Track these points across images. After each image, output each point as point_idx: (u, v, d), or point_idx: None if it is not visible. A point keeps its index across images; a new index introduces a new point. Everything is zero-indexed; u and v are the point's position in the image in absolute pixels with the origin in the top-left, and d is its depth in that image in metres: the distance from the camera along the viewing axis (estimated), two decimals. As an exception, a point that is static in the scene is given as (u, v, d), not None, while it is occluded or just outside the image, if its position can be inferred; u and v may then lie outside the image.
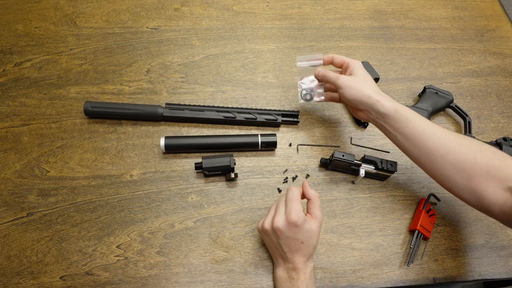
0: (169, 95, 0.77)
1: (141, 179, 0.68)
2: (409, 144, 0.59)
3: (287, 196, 0.57)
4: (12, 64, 0.79)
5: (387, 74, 0.84)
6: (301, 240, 0.55)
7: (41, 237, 0.62)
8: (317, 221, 0.57)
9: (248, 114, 0.73)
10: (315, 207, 0.58)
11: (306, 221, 0.55)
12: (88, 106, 0.71)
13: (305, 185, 0.59)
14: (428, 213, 0.66)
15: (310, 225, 0.55)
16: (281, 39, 0.87)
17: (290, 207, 0.55)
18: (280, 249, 0.57)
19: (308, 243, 0.55)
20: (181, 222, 0.64)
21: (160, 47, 0.84)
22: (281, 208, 0.57)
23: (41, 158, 0.69)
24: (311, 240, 0.55)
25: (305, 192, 0.59)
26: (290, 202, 0.56)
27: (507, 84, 0.86)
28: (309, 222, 0.56)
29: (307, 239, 0.55)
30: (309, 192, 0.59)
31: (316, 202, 0.58)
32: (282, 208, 0.57)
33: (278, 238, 0.56)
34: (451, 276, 0.64)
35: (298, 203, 0.56)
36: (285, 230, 0.55)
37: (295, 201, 0.56)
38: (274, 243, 0.57)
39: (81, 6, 0.89)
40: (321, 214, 0.58)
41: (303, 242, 0.55)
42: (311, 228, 0.55)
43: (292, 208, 0.55)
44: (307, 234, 0.55)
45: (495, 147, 0.72)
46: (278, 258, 0.59)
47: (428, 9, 0.97)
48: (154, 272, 0.60)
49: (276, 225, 0.55)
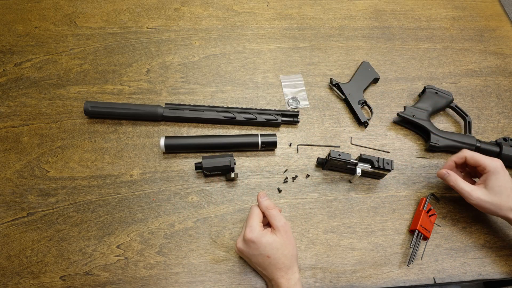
0: (169, 95, 0.77)
1: (141, 179, 0.68)
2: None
3: (248, 214, 0.58)
4: (12, 64, 0.79)
5: (387, 74, 0.84)
6: (267, 255, 0.54)
7: (41, 237, 0.62)
8: (279, 231, 0.55)
9: (248, 114, 0.73)
10: (271, 218, 0.56)
11: (263, 235, 0.54)
12: (88, 106, 0.71)
13: (258, 198, 0.58)
14: (428, 213, 0.66)
15: (269, 237, 0.54)
16: (281, 39, 0.87)
17: (246, 225, 0.56)
18: (257, 268, 0.57)
19: (275, 256, 0.54)
20: (181, 222, 0.64)
21: (160, 47, 0.84)
22: (243, 228, 0.57)
23: (41, 158, 0.69)
24: (278, 252, 0.54)
25: (259, 205, 0.58)
26: (247, 220, 0.57)
27: (507, 84, 0.86)
28: (267, 235, 0.55)
29: (273, 252, 0.54)
30: (261, 205, 0.58)
31: (270, 213, 0.57)
32: (243, 228, 0.57)
33: (247, 258, 0.56)
34: (451, 276, 0.64)
35: (254, 218, 0.56)
36: (246, 248, 0.55)
37: (251, 218, 0.56)
38: (249, 263, 0.58)
39: (81, 6, 0.89)
40: (282, 222, 0.56)
41: (269, 257, 0.54)
42: (272, 240, 0.54)
43: (247, 225, 0.56)
44: (269, 247, 0.54)
45: (495, 147, 0.72)
46: (264, 278, 0.59)
47: (428, 9, 0.97)
48: (154, 272, 0.60)
49: (238, 246, 0.56)
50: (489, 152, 0.72)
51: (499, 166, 0.61)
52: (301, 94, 0.79)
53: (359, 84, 0.80)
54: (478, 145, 0.72)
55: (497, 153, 0.72)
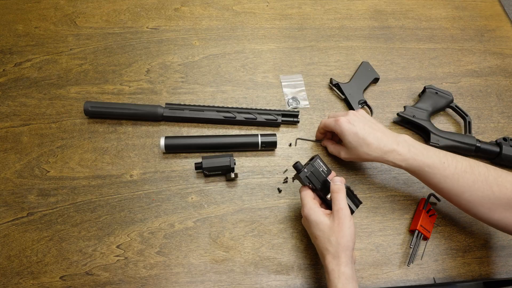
0: (169, 95, 0.77)
1: (141, 179, 0.68)
2: (425, 183, 0.61)
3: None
4: (12, 64, 0.79)
5: (387, 74, 0.84)
6: (315, 235, 0.55)
7: (41, 237, 0.62)
8: (333, 215, 0.55)
9: (248, 114, 0.73)
10: (332, 201, 0.56)
11: (314, 213, 0.55)
12: (88, 106, 0.71)
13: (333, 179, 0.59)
14: (428, 213, 0.66)
15: (318, 217, 0.55)
16: (281, 39, 0.87)
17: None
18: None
19: (321, 238, 0.54)
20: (181, 222, 0.64)
21: (160, 47, 0.84)
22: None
23: (41, 158, 0.69)
24: (324, 235, 0.54)
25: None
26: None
27: (507, 84, 0.86)
28: (318, 214, 0.55)
29: (319, 233, 0.54)
30: (331, 187, 0.58)
31: (333, 196, 0.56)
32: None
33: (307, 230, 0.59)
34: (451, 276, 0.64)
35: (307, 195, 0.58)
36: (304, 222, 0.59)
37: (306, 196, 0.58)
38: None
39: (81, 6, 0.89)
40: (337, 207, 0.55)
41: (317, 238, 0.55)
42: (320, 221, 0.54)
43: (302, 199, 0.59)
44: (317, 228, 0.55)
45: (495, 147, 0.72)
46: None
47: (428, 9, 0.97)
48: (154, 272, 0.60)
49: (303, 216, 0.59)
50: (489, 152, 0.72)
51: (343, 125, 0.62)
52: (301, 94, 0.79)
53: (359, 84, 0.80)
54: (478, 145, 0.72)
55: (497, 153, 0.72)
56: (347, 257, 0.52)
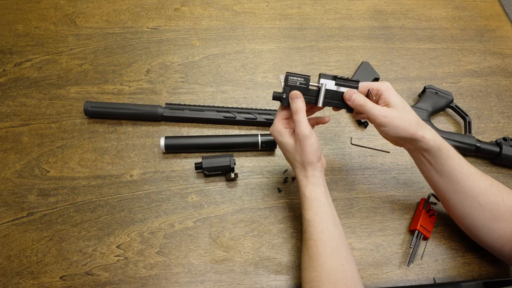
0: (169, 95, 0.77)
1: (141, 179, 0.68)
2: (442, 180, 0.57)
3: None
4: (12, 64, 0.79)
5: (387, 74, 0.84)
6: (283, 152, 0.59)
7: (41, 237, 0.62)
8: (296, 137, 0.55)
9: (248, 114, 0.73)
10: (294, 122, 0.56)
11: (278, 135, 0.58)
12: (88, 106, 0.71)
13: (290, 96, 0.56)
14: (428, 213, 0.66)
15: (283, 138, 0.57)
16: (281, 39, 0.87)
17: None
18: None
19: (288, 155, 0.58)
20: (181, 222, 0.64)
21: (160, 47, 0.84)
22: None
23: (41, 158, 0.69)
24: (290, 154, 0.57)
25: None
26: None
27: (507, 84, 0.86)
28: (283, 135, 0.57)
29: (286, 152, 0.58)
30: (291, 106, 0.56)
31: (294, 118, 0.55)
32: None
33: None
34: (451, 276, 0.64)
35: (278, 115, 0.58)
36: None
37: (278, 114, 0.59)
38: None
39: (81, 6, 0.89)
40: (298, 130, 0.54)
41: (285, 155, 0.59)
42: (285, 142, 0.57)
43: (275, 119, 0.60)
44: (284, 147, 0.58)
45: (495, 147, 0.72)
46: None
47: (428, 9, 0.97)
48: (154, 272, 0.60)
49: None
50: (489, 152, 0.72)
51: (390, 85, 0.57)
52: None
53: (359, 84, 0.80)
54: (478, 145, 0.72)
55: (497, 153, 0.72)
56: (313, 169, 0.57)
